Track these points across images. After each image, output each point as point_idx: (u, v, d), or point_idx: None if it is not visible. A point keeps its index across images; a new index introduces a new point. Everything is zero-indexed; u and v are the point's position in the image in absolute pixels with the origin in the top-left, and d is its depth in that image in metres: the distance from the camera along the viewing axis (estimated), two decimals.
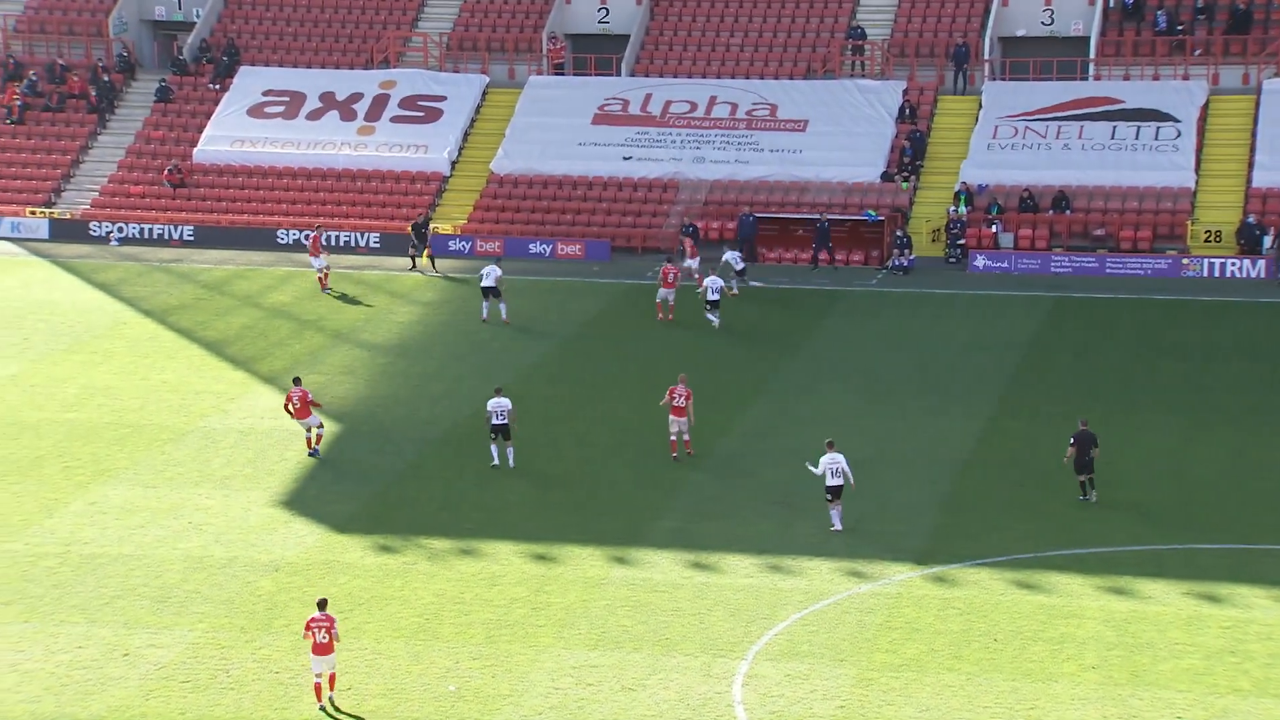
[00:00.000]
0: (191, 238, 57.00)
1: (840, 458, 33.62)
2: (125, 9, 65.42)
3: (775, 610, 30.40)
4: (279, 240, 57.46)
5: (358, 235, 57.54)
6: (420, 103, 61.95)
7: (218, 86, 62.99)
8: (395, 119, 61.46)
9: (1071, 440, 35.17)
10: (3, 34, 64.36)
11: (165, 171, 59.81)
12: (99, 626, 29.70)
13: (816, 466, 33.79)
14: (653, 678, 28.02)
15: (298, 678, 27.96)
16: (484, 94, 62.71)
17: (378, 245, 57.20)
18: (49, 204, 59.03)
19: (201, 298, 51.36)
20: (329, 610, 27.50)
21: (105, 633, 29.43)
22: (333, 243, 56.82)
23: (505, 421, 37.25)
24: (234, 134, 61.16)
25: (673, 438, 37.92)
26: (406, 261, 54.82)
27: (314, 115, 61.67)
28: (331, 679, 27.10)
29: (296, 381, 38.54)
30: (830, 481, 33.57)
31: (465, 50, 64.28)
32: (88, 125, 62.06)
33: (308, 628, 27.10)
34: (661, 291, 49.33)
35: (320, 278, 51.63)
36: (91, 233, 57.04)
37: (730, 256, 51.28)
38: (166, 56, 65.81)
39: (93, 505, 35.11)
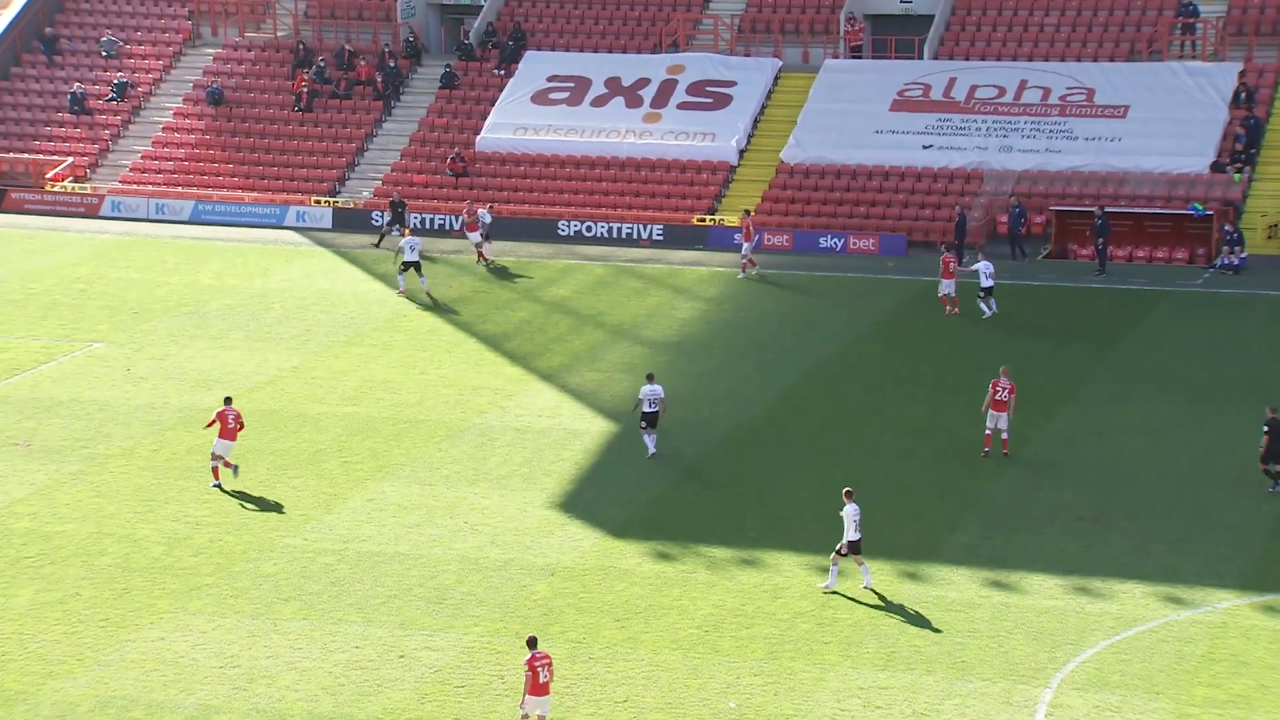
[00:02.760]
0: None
1: (856, 508, 31.99)
2: None
3: (1082, 635, 29.77)
4: (560, 232, 58.38)
5: (640, 227, 58.11)
6: (709, 88, 62.28)
7: (502, 72, 64.28)
8: (682, 105, 61.89)
9: (1265, 428, 34.22)
10: (294, 19, 66.71)
11: (448, 160, 61.26)
12: (375, 627, 30.57)
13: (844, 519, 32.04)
14: (947, 703, 27.69)
15: (573, 687, 28.37)
16: (776, 79, 62.75)
17: (661, 238, 57.70)
18: (333, 193, 61.00)
19: (481, 290, 52.46)
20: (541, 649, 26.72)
21: (382, 633, 30.29)
22: (614, 234, 57.58)
23: (656, 410, 37.54)
24: (517, 121, 62.30)
25: (988, 432, 37.49)
26: (685, 254, 55.23)
27: (599, 102, 62.46)
28: None
29: (228, 401, 37.22)
30: (852, 536, 31.90)
31: (758, 33, 64.42)
32: (373, 112, 63.95)
33: (531, 666, 26.29)
34: (943, 284, 48.84)
35: (479, 249, 53.92)
36: (373, 222, 58.73)
37: (982, 268, 48.87)
38: (453, 41, 67.41)
39: (370, 502, 36.16)
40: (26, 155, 62.23)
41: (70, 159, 62.12)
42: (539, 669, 26.43)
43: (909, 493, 36.59)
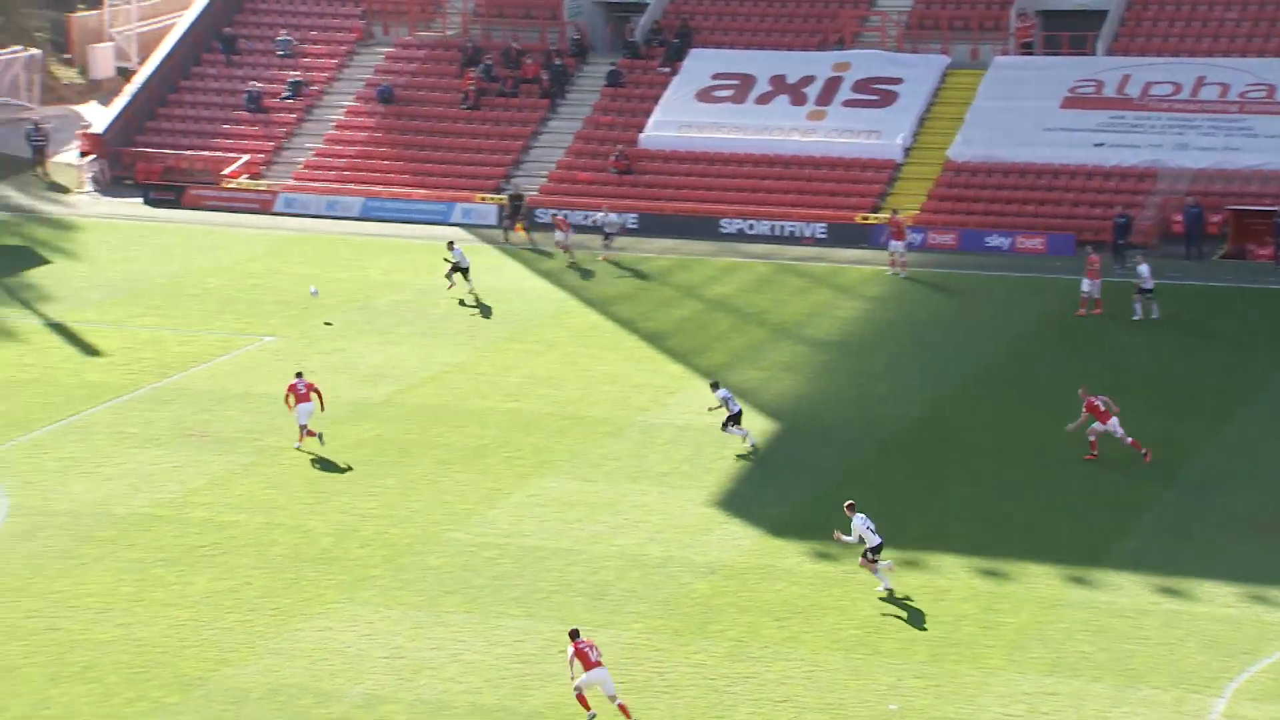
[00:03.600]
0: (635, 226, 58.44)
1: (864, 518, 31.66)
2: None
3: (1259, 645, 29.16)
4: (722, 230, 58.34)
5: (803, 225, 57.89)
6: (875, 86, 61.88)
7: (668, 70, 64.38)
8: (848, 103, 61.55)
9: None
10: (464, 19, 67.39)
11: (611, 158, 61.49)
12: (537, 621, 30.80)
13: (849, 534, 31.78)
14: (1116, 710, 27.29)
15: (733, 685, 28.36)
16: (944, 76, 62.19)
17: (824, 236, 57.43)
18: (499, 190, 61.49)
19: (643, 288, 52.58)
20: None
21: (543, 628, 30.51)
22: (777, 232, 57.45)
23: (739, 409, 38.33)
24: (681, 119, 62.36)
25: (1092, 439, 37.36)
26: (847, 253, 55.00)
27: (763, 99, 62.32)
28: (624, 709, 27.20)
29: (299, 375, 39.14)
30: (873, 541, 31.51)
31: (926, 29, 63.88)
32: (539, 110, 64.37)
33: (579, 652, 27.25)
34: (1085, 283, 48.15)
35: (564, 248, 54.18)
36: (537, 218, 59.12)
37: (1143, 271, 47.88)
38: (618, 40, 67.63)
39: (532, 497, 36.43)
40: (205, 153, 63.50)
41: (246, 156, 63.26)
42: (587, 651, 27.35)
43: (1077, 497, 36.09)
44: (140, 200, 61.44)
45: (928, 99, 61.49)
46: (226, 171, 62.63)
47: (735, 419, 38.63)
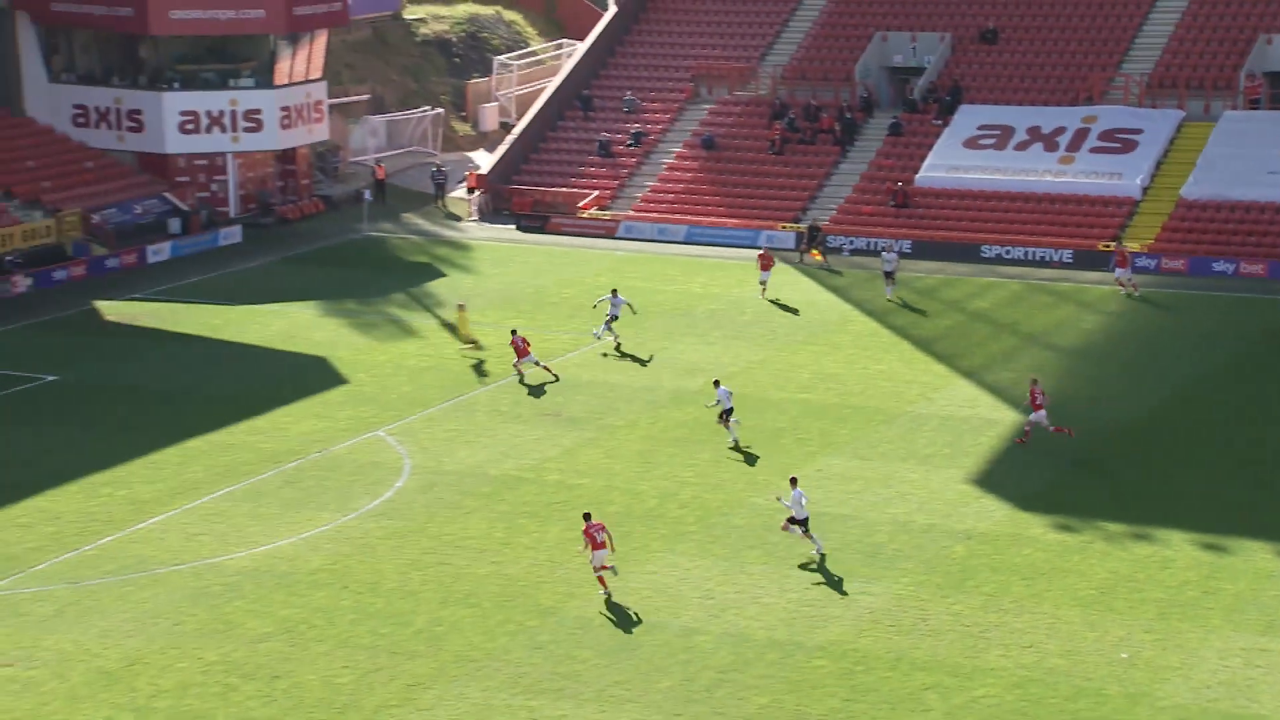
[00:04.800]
0: (909, 250, 57.51)
1: (802, 492, 30.93)
2: (870, 58, 66.81)
3: None
4: (982, 254, 57.08)
5: (1052, 251, 56.31)
6: (1118, 135, 59.76)
7: (940, 122, 63.28)
8: (1094, 150, 59.58)
9: None
10: (773, 81, 67.38)
11: (891, 194, 60.68)
12: (822, 573, 30.51)
13: (788, 500, 31.06)
14: None
15: (986, 632, 27.68)
16: (1179, 127, 59.68)
17: (1070, 261, 55.69)
18: (796, 220, 61.21)
19: (913, 302, 51.71)
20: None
21: (827, 579, 30.21)
22: (1029, 257, 55.97)
23: (732, 406, 37.24)
24: (950, 162, 61.24)
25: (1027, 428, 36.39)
26: (1090, 274, 53.20)
27: (1020, 146, 60.81)
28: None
29: (514, 332, 41.75)
30: (801, 515, 30.70)
31: (1164, 88, 61.39)
32: (831, 155, 63.89)
33: (589, 534, 28.83)
34: None
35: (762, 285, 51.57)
36: (829, 244, 58.67)
37: None
38: (899, 97, 66.71)
39: (819, 472, 36.13)
40: (564, 189, 64.71)
41: (596, 192, 64.25)
42: (595, 534, 28.83)
43: None
44: (514, 227, 62.91)
45: (1164, 147, 59.09)
46: (581, 204, 63.71)
47: (727, 414, 37.67)
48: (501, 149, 67.13)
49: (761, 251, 53.14)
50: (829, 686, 26.36)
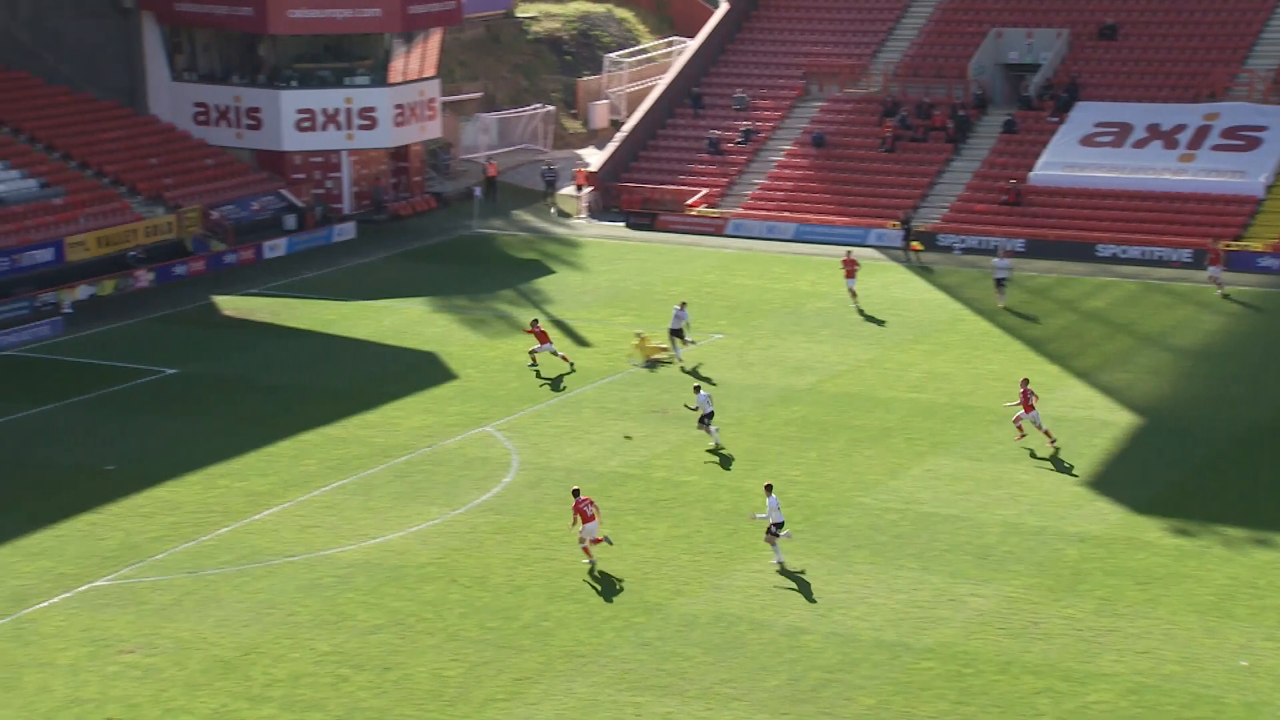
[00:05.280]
0: (1022, 249, 56.73)
1: (776, 500, 30.50)
2: (984, 55, 66.01)
3: None
4: (1097, 253, 56.13)
5: (1170, 250, 55.22)
6: (1242, 133, 58.45)
7: (1056, 119, 62.35)
8: (1215, 148, 58.32)
9: None
10: (885, 78, 66.82)
11: (1004, 192, 59.90)
12: (931, 574, 30.24)
13: (763, 512, 30.54)
14: None
15: (1099, 636, 27.23)
16: None
17: (1189, 260, 54.57)
18: (906, 219, 60.65)
19: (1026, 301, 50.99)
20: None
21: (935, 579, 29.94)
22: (1146, 256, 54.93)
23: (713, 410, 37.12)
24: (1066, 160, 60.31)
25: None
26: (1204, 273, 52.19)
27: (1139, 144, 59.70)
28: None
29: (534, 322, 42.38)
30: (777, 518, 30.27)
31: None
32: (944, 153, 63.22)
33: (579, 509, 29.95)
34: None
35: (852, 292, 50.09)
36: (939, 243, 58.14)
37: None
38: (1014, 94, 65.82)
39: (928, 472, 35.78)
40: (673, 186, 64.73)
41: (704, 190, 64.18)
42: (584, 508, 30.07)
43: None
44: (623, 224, 63.05)
45: None
46: (689, 201, 63.69)
47: (707, 419, 37.29)
48: (611, 146, 67.31)
49: (846, 257, 51.59)
50: (937, 689, 26.09)
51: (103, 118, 59.81)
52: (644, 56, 78.21)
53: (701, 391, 37.77)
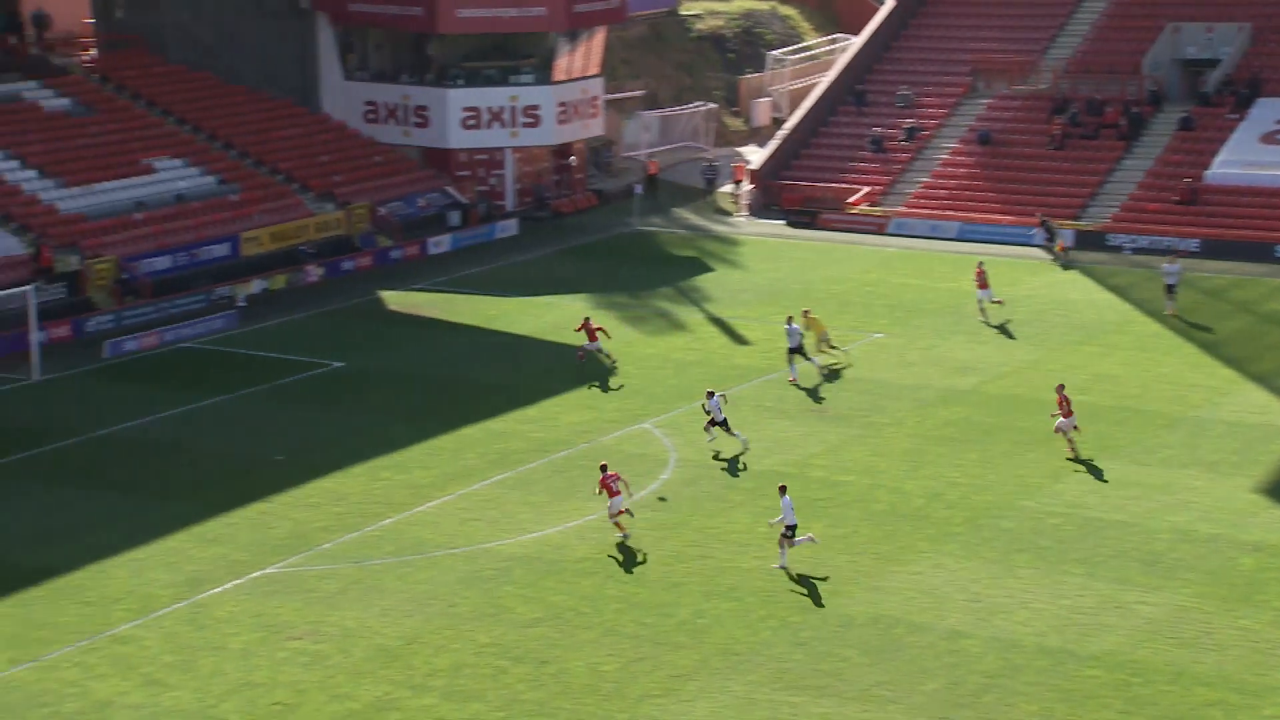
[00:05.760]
0: (1197, 250, 55.17)
1: (789, 500, 30.48)
2: (1159, 50, 64.37)
3: None
4: (1276, 254, 54.33)
5: None
6: None
7: (1236, 116, 60.51)
8: None
9: None
10: (1054, 75, 65.58)
11: (1179, 191, 58.33)
12: (1096, 580, 29.58)
13: (779, 516, 30.45)
14: None
15: (1277, 648, 26.33)
16: None
17: None
18: (1076, 217, 59.42)
19: (1200, 303, 49.57)
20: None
21: (1101, 586, 29.27)
22: None
23: (724, 417, 36.48)
24: (1245, 158, 58.47)
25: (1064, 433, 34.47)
26: None
27: None
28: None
29: (587, 319, 42.36)
30: (790, 520, 30.29)
31: None
32: (1115, 151, 61.77)
33: (605, 484, 31.08)
34: None
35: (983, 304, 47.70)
36: (1108, 242, 56.83)
37: None
38: (1191, 91, 64.05)
39: (1094, 475, 34.98)
40: (835, 185, 64.30)
41: (866, 188, 63.62)
42: (611, 483, 31.19)
43: None
44: (783, 222, 62.79)
45: None
46: (851, 200, 63.19)
47: (711, 424, 36.45)
48: (773, 144, 67.05)
49: (978, 268, 48.60)
50: (1103, 698, 25.50)
51: (278, 116, 61.41)
52: (807, 54, 77.80)
53: (714, 397, 37.21)
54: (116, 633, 27.86)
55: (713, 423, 36.80)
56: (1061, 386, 37.13)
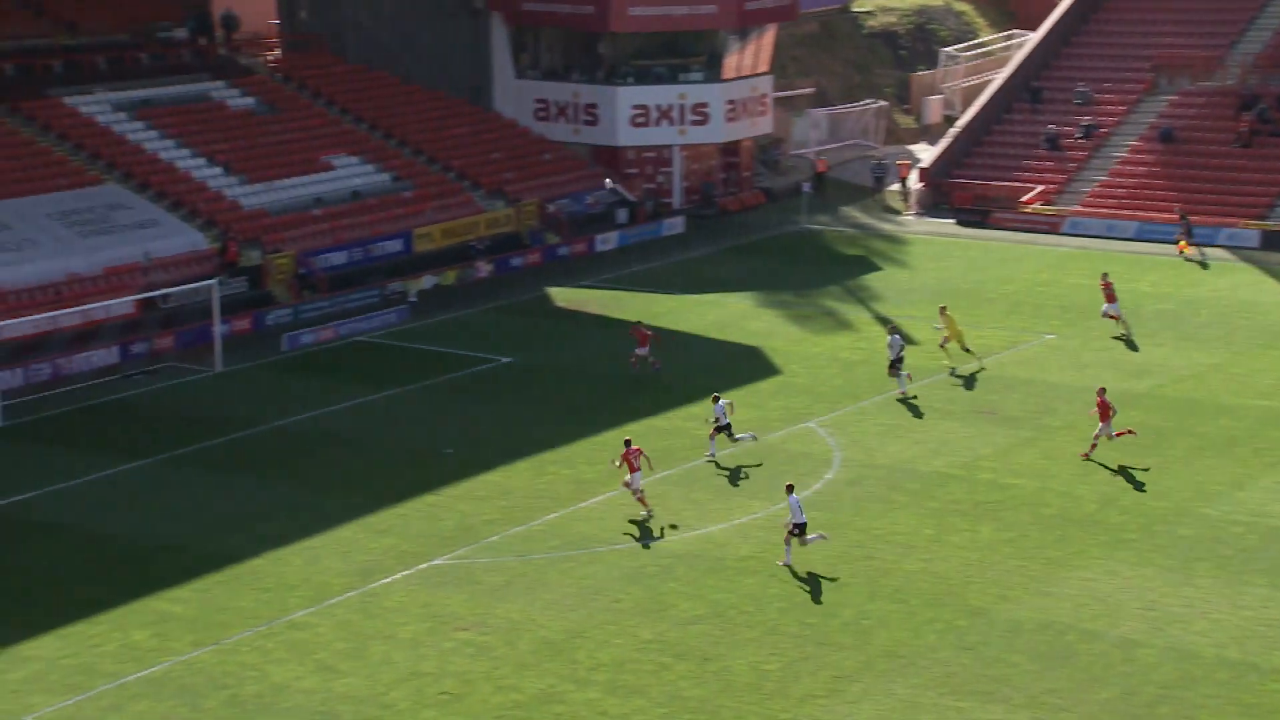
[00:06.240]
0: None
1: (798, 499, 30.63)
2: None
3: None
4: None
5: None
6: None
7: None
8: None
9: None
10: (1242, 70, 63.61)
11: None
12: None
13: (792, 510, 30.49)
14: None
15: None
16: None
17: None
18: (1262, 217, 57.56)
19: None
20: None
21: None
22: None
23: (728, 422, 36.00)
24: None
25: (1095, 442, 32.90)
26: None
27: None
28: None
29: (638, 323, 41.42)
30: (799, 519, 30.32)
31: None
32: None
33: (626, 458, 32.08)
34: None
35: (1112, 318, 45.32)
36: None
37: None
38: None
39: (1279, 484, 33.83)
40: (1007, 183, 63.25)
41: (1040, 187, 62.45)
42: (633, 459, 32.23)
43: None
44: (953, 221, 61.96)
45: None
46: (1024, 198, 62.08)
47: (718, 430, 35.53)
48: (944, 142, 66.22)
49: (1103, 280, 46.23)
50: None
51: (451, 114, 62.47)
52: (981, 50, 76.61)
53: (720, 402, 36.66)
54: (292, 619, 28.61)
55: (719, 429, 36.43)
56: (1103, 390, 35.83)
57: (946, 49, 76.05)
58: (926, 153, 68.06)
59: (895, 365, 40.70)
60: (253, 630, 28.17)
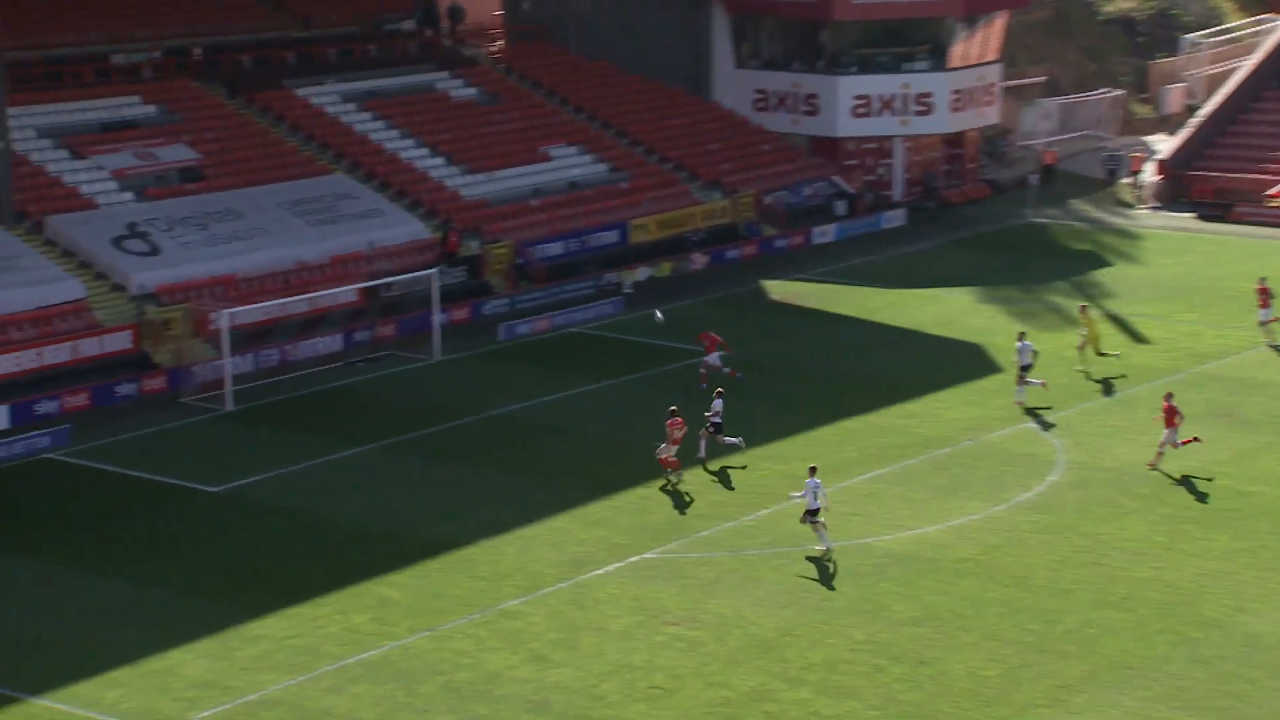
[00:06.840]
0: None
1: (818, 482, 30.53)
2: None
3: None
4: None
5: None
6: None
7: None
8: None
9: None
10: None
11: None
12: None
13: (801, 493, 30.57)
14: None
15: None
16: None
17: None
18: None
19: None
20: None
21: None
22: None
23: (721, 420, 35.57)
24: None
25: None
26: None
27: None
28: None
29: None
30: (811, 505, 30.28)
31: None
32: None
33: (670, 428, 33.23)
34: None
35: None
36: None
37: None
38: None
39: None
40: (1253, 176, 60.76)
41: None
42: (672, 429, 33.52)
43: None
44: (1192, 215, 59.81)
45: None
46: (1270, 192, 59.54)
47: (714, 429, 34.83)
48: (1184, 133, 63.96)
49: (1260, 284, 44.08)
50: None
51: (670, 105, 62.69)
52: (1228, 36, 73.72)
53: (718, 399, 35.75)
54: (506, 607, 29.03)
55: (713, 426, 35.64)
56: (1170, 395, 33.88)
57: (1189, 36, 73.38)
58: (1165, 143, 65.82)
59: (1023, 373, 39.20)
60: (467, 618, 28.65)
